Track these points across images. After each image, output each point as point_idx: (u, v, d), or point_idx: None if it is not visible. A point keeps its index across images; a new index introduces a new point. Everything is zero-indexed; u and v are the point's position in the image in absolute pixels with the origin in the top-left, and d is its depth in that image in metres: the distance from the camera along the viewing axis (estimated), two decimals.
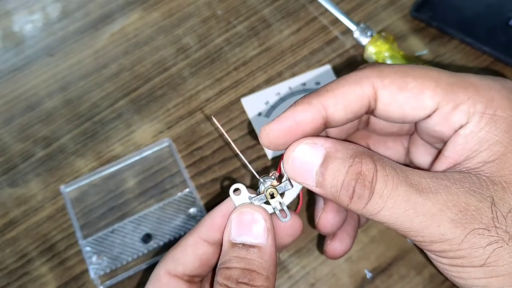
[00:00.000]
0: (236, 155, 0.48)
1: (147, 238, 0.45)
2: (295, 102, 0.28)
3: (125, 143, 0.49)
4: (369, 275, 0.43)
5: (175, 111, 0.51)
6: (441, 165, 0.28)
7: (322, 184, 0.27)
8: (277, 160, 0.48)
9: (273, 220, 0.31)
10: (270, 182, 0.31)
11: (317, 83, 0.51)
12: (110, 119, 0.51)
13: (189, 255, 0.31)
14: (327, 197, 0.27)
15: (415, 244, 0.41)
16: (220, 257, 0.30)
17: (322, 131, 0.29)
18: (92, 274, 0.44)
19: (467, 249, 0.25)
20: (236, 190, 0.31)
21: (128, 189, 0.47)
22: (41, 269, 0.44)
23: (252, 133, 0.49)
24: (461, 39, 0.51)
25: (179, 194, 0.47)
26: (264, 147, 0.29)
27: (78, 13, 0.57)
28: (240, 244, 0.29)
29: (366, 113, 0.29)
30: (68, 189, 0.47)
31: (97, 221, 0.46)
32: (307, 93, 0.51)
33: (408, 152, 0.35)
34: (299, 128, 0.28)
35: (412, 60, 0.49)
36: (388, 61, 0.49)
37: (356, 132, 0.36)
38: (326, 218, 0.35)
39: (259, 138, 0.29)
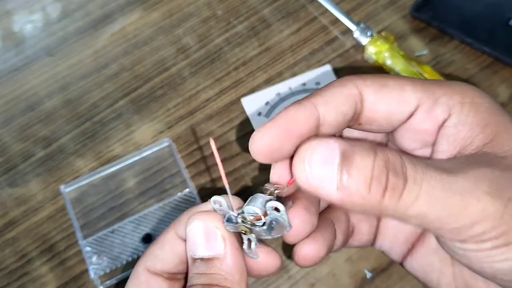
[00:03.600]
0: (237, 154, 0.48)
1: (147, 238, 0.45)
2: (285, 107, 0.27)
3: (125, 143, 0.49)
4: (369, 275, 0.43)
5: (175, 111, 0.51)
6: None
7: (347, 184, 0.24)
8: None
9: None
10: (252, 216, 0.26)
11: (317, 83, 0.51)
12: (110, 119, 0.51)
13: (167, 252, 0.30)
14: (350, 201, 0.24)
15: None
16: (188, 274, 0.28)
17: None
18: (92, 274, 0.44)
19: (510, 221, 0.24)
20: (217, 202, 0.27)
21: (128, 189, 0.47)
22: (41, 269, 0.44)
23: (252, 133, 0.49)
24: (461, 39, 0.51)
25: (179, 194, 0.47)
26: (254, 156, 0.27)
27: (78, 13, 0.57)
28: (198, 259, 0.27)
29: (353, 116, 0.28)
30: (68, 189, 0.47)
31: (97, 221, 0.46)
32: (307, 93, 0.51)
33: None
34: (293, 128, 0.26)
35: (412, 60, 0.49)
36: (388, 61, 0.49)
37: None
38: (293, 223, 0.30)
39: (250, 144, 0.26)
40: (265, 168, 0.47)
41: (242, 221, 0.26)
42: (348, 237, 0.35)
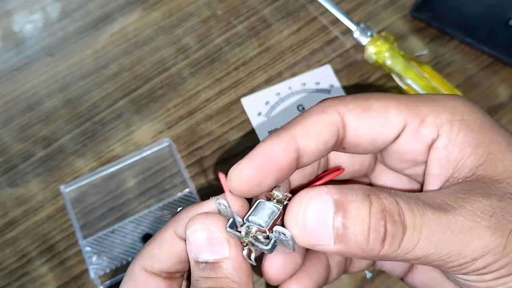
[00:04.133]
0: (237, 154, 0.48)
1: (147, 238, 0.45)
2: (263, 139, 0.26)
3: (125, 143, 0.49)
4: (369, 275, 0.43)
5: (175, 111, 0.51)
6: (433, 185, 0.27)
7: (344, 237, 0.23)
8: None
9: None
10: (256, 227, 0.25)
11: (317, 83, 0.51)
12: (110, 119, 0.51)
13: (166, 251, 0.29)
14: (349, 252, 0.24)
15: None
16: (191, 276, 0.28)
17: (295, 169, 0.27)
18: (92, 274, 0.44)
19: (511, 253, 0.23)
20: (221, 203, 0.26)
21: (128, 189, 0.47)
22: (41, 269, 0.44)
23: (252, 133, 0.49)
24: (461, 39, 0.51)
25: (179, 194, 0.47)
26: (234, 193, 0.26)
27: (78, 13, 0.57)
28: (203, 262, 0.27)
29: (336, 143, 0.27)
30: (68, 189, 0.47)
31: (97, 221, 0.46)
32: (307, 93, 0.51)
33: None
34: (271, 163, 0.25)
35: (412, 60, 0.49)
36: (388, 61, 0.49)
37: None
38: (273, 263, 0.28)
39: (228, 181, 0.25)
40: None
41: (246, 233, 0.25)
42: (347, 266, 0.34)
